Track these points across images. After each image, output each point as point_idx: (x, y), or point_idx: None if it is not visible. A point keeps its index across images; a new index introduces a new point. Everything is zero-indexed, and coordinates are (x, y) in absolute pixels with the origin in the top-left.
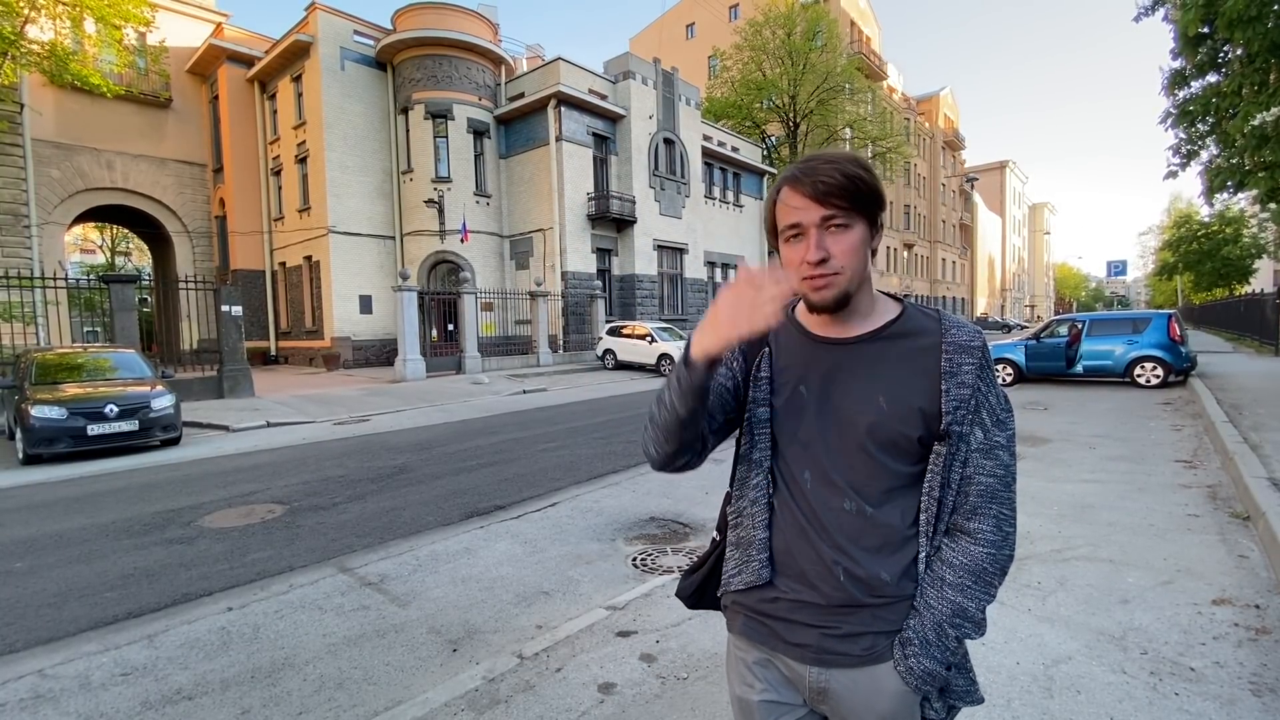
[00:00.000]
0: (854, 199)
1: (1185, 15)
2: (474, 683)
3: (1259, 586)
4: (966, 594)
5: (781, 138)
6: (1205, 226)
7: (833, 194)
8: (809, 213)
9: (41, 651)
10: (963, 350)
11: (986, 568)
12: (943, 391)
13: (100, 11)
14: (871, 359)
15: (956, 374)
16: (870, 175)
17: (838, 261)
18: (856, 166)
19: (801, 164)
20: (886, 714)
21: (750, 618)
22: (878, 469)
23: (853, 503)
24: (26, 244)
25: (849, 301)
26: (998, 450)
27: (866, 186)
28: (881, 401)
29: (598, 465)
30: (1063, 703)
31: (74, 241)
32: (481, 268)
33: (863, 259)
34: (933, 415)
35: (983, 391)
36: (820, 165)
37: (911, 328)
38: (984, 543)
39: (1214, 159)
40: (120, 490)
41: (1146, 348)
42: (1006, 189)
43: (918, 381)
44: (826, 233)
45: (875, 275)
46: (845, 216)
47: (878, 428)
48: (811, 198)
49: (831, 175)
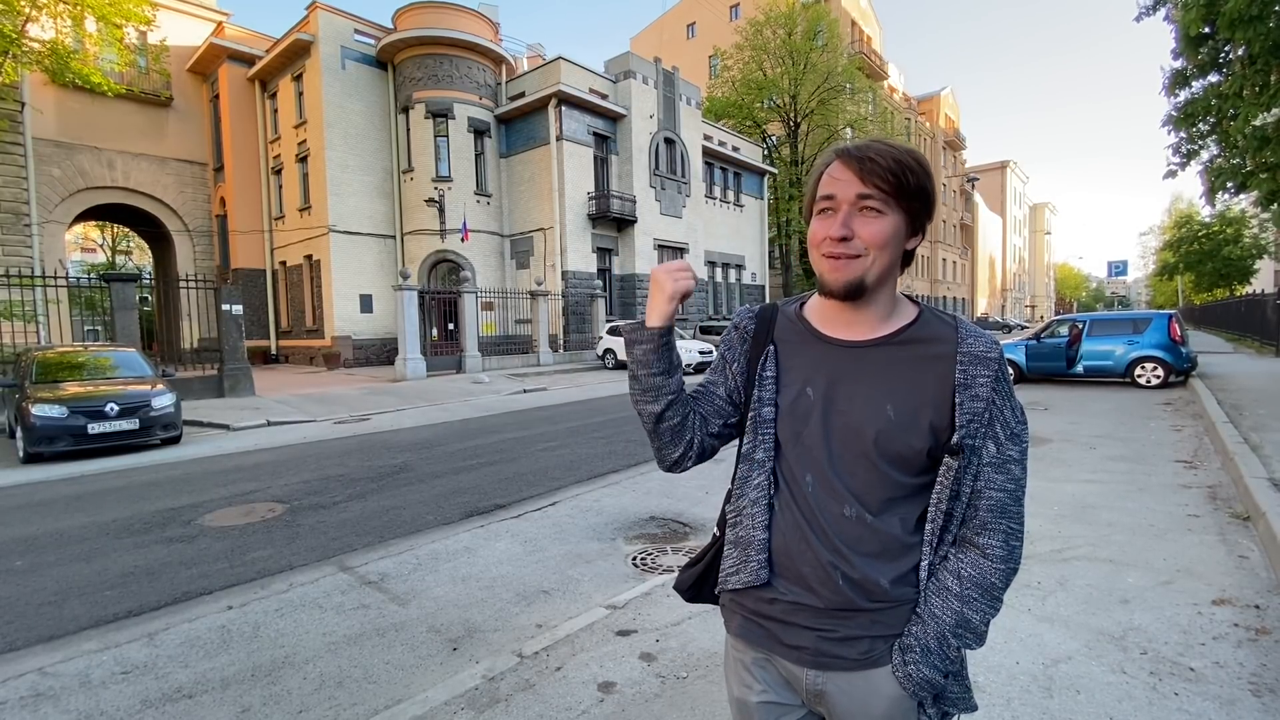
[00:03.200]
0: (897, 187)
1: (1186, 15)
2: (474, 681)
3: (1259, 587)
4: (971, 606)
5: (782, 137)
6: (1206, 227)
7: (876, 174)
8: (848, 187)
9: (42, 649)
10: (979, 361)
11: (994, 582)
12: (956, 404)
13: (101, 10)
14: (882, 365)
15: (971, 386)
16: (922, 171)
17: (861, 243)
18: (911, 158)
19: (859, 142)
20: (882, 718)
21: (748, 619)
22: (880, 478)
23: (853, 509)
24: (27, 243)
25: (863, 293)
26: (1010, 464)
27: (914, 179)
28: (889, 411)
29: (598, 465)
30: (1062, 702)
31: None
32: (482, 267)
33: (890, 253)
34: (942, 428)
35: (997, 405)
36: (875, 145)
37: (926, 334)
38: (993, 558)
39: (1215, 159)
40: (121, 489)
41: (1147, 348)
42: (1007, 189)
43: (929, 392)
44: (858, 213)
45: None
46: (881, 201)
47: (884, 438)
48: (855, 174)
49: (881, 157)
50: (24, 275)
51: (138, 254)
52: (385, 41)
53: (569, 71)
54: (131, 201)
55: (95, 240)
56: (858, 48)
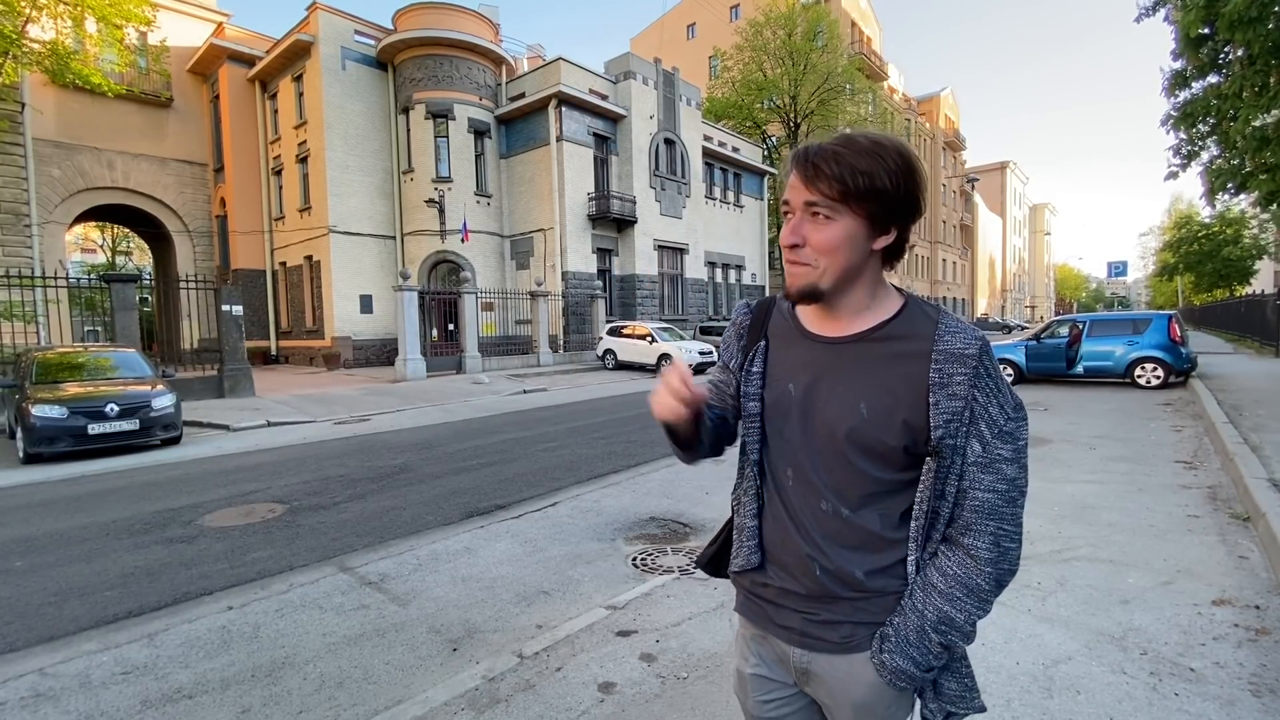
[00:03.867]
0: (843, 192)
1: (1186, 16)
2: (474, 682)
3: (1259, 587)
4: (955, 604)
5: (782, 138)
6: (1206, 227)
7: (820, 179)
8: (797, 194)
9: (42, 650)
10: (954, 359)
11: (980, 583)
12: (931, 404)
13: (101, 11)
14: (855, 362)
15: (947, 385)
16: (877, 170)
17: (810, 252)
18: (868, 157)
19: (813, 144)
20: (860, 702)
21: (748, 597)
22: (857, 474)
23: (829, 504)
24: (27, 243)
25: (819, 298)
26: (999, 464)
27: (864, 181)
28: (863, 409)
29: (598, 465)
30: (1062, 703)
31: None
32: (482, 267)
33: (844, 257)
34: (919, 426)
35: (980, 403)
36: (826, 148)
37: (903, 331)
38: (979, 560)
39: (1215, 160)
40: (121, 489)
41: (1147, 348)
42: (1007, 189)
43: (902, 390)
44: (810, 218)
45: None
46: (828, 207)
47: (856, 434)
48: (801, 180)
49: (825, 160)
50: (24, 276)
51: (138, 254)
52: (385, 42)
53: (569, 72)
54: (131, 202)
55: (95, 241)
56: (858, 48)
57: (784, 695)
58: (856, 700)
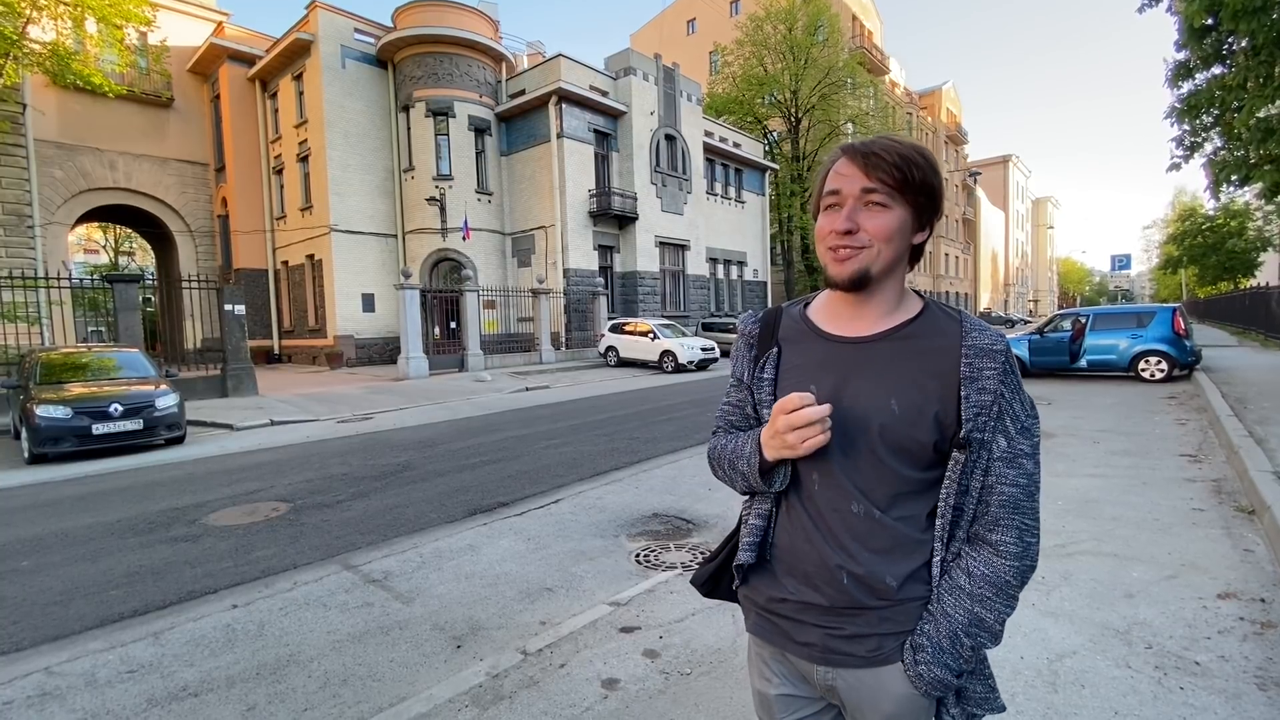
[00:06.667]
0: (902, 181)
1: (1189, 6)
2: (478, 679)
3: (1264, 580)
4: (985, 605)
5: (783, 133)
6: (1210, 220)
7: (881, 168)
8: (853, 182)
9: (48, 649)
10: (984, 355)
11: (1008, 580)
12: (963, 398)
13: (102, 11)
14: (884, 360)
15: (978, 379)
16: (928, 166)
17: (866, 235)
18: (916, 153)
19: (865, 139)
20: (892, 715)
21: (761, 615)
22: (887, 473)
23: (860, 505)
24: (30, 244)
25: (868, 283)
26: (1021, 459)
27: (919, 174)
28: (893, 405)
29: (600, 462)
30: (1067, 697)
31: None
32: (483, 265)
33: (895, 246)
34: (949, 422)
35: (1006, 398)
36: (880, 141)
37: (929, 328)
38: (1006, 555)
39: (1219, 152)
40: (125, 489)
41: (1151, 342)
42: (1010, 183)
43: (933, 386)
44: (864, 207)
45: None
46: (886, 195)
47: (888, 431)
48: (860, 168)
49: (886, 152)
50: (27, 277)
51: (140, 255)
52: (385, 40)
53: (569, 69)
54: (133, 202)
55: (98, 241)
56: (859, 43)
57: (813, 711)
58: (887, 713)
